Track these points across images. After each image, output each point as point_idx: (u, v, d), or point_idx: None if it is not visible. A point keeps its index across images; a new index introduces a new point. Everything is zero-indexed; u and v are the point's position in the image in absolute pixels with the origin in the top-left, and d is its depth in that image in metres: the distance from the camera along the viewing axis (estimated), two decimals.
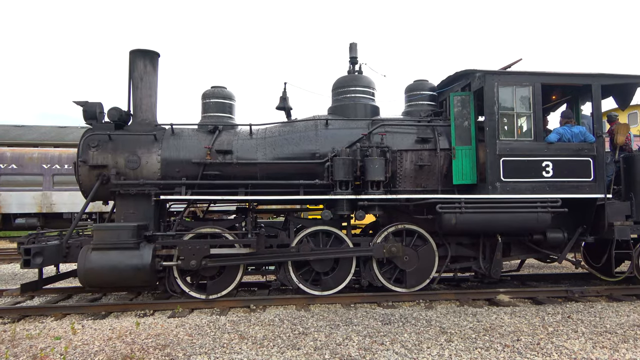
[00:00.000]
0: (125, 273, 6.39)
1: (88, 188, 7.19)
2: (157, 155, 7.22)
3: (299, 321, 5.88)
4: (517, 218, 6.90)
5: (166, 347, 4.86)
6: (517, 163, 7.00)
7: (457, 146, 7.33)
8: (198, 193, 7.18)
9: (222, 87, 7.90)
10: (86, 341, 5.06)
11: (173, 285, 6.98)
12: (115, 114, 7.43)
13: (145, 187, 7.06)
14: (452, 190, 7.41)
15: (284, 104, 7.97)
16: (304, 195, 7.17)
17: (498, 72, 7.18)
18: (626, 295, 7.28)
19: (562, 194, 6.97)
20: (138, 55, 7.57)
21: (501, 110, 7.05)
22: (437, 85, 8.30)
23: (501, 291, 7.28)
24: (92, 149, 7.16)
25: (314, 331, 5.46)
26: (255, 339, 5.14)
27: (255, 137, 7.51)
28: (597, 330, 5.44)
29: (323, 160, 7.20)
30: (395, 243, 7.08)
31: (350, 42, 8.28)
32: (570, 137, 7.16)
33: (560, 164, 7.05)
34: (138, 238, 6.56)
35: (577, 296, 7.19)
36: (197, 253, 6.65)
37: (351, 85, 7.94)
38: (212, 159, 7.21)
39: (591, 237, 7.38)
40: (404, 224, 7.31)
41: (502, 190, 6.94)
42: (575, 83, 7.38)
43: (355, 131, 7.47)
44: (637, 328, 5.50)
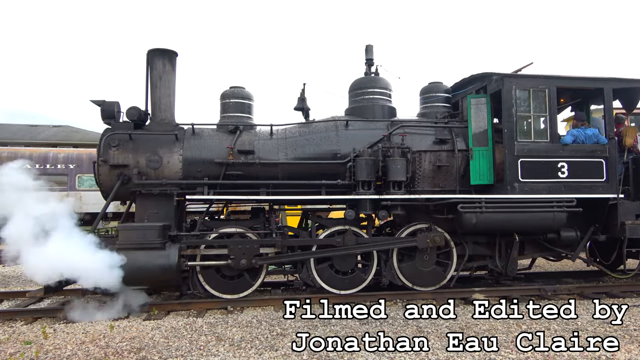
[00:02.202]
0: (152, 273, 6.36)
1: (108, 188, 7.12)
2: (179, 155, 7.19)
3: (277, 322, 5.89)
4: (534, 217, 7.09)
5: (141, 351, 4.81)
6: (534, 164, 7.20)
7: (475, 147, 7.49)
8: (220, 193, 7.18)
9: (241, 87, 7.92)
10: (58, 345, 4.95)
11: (196, 286, 6.97)
12: (135, 113, 7.37)
13: (167, 187, 7.03)
14: (469, 191, 7.56)
15: (302, 105, 8.02)
16: (325, 195, 7.25)
17: (516, 75, 7.38)
18: (596, 293, 7.46)
19: (576, 194, 7.18)
20: (157, 54, 7.52)
21: (519, 112, 7.24)
22: (451, 87, 8.46)
23: (476, 290, 7.32)
24: (113, 148, 7.09)
25: (292, 332, 5.46)
26: (232, 341, 5.12)
27: (276, 137, 7.55)
28: (568, 327, 5.59)
29: (345, 161, 7.27)
30: (437, 233, 7.20)
31: (366, 45, 8.38)
32: (584, 139, 7.39)
33: (574, 165, 7.27)
34: (163, 238, 6.53)
35: (549, 294, 7.30)
36: (247, 252, 6.67)
37: (369, 87, 8.04)
38: (235, 159, 7.22)
39: (603, 235, 7.62)
40: (422, 224, 7.44)
41: (520, 190, 7.12)
42: (588, 86, 7.63)
43: (375, 132, 7.57)
44: (606, 324, 5.66)
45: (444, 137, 7.63)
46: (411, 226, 7.40)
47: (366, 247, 7.26)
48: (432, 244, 7.16)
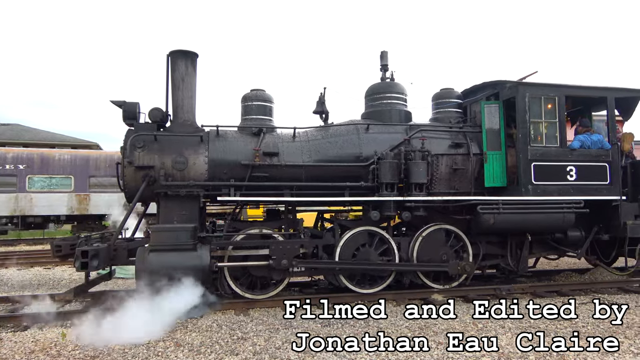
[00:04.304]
0: (185, 274, 6.36)
1: (133, 189, 7.07)
2: (204, 157, 7.22)
3: (238, 326, 5.84)
4: (547, 218, 7.50)
5: (95, 359, 4.68)
6: (545, 167, 7.61)
7: (489, 151, 7.85)
8: (245, 194, 7.25)
9: (262, 90, 8.01)
10: (5, 355, 4.75)
11: (224, 287, 7.01)
12: (158, 115, 7.37)
13: (194, 188, 7.04)
14: (482, 193, 7.90)
15: (322, 108, 8.19)
16: (348, 197, 7.43)
17: (529, 83, 7.78)
18: (547, 292, 7.73)
19: (584, 196, 7.64)
20: (180, 56, 7.53)
21: (532, 118, 7.64)
22: (461, 92, 8.81)
23: (435, 291, 7.47)
24: (138, 149, 7.06)
25: (253, 336, 5.44)
26: (192, 346, 5.04)
27: (299, 140, 7.68)
28: (522, 325, 5.84)
29: (367, 163, 7.49)
30: (468, 262, 7.49)
31: (381, 51, 8.63)
32: (590, 145, 7.87)
33: (582, 169, 7.73)
34: (195, 239, 6.56)
35: (504, 294, 7.51)
36: (288, 253, 6.75)
37: (387, 92, 8.28)
38: (261, 161, 7.31)
39: (606, 235, 8.12)
40: (440, 224, 7.73)
41: (534, 192, 7.51)
42: (593, 95, 8.14)
43: (394, 136, 7.82)
44: (557, 322, 5.93)
45: (459, 141, 7.95)
46: (430, 227, 7.67)
47: (405, 267, 7.49)
48: (462, 272, 7.43)
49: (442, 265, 7.50)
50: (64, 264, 11.14)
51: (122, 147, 7.10)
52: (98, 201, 19.24)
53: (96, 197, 19.20)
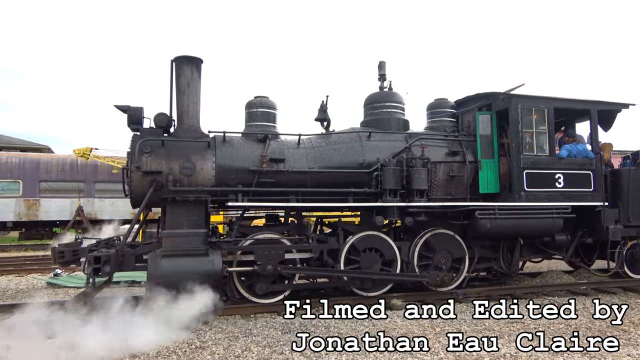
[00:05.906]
0: (197, 279, 6.40)
1: (139, 194, 7.03)
2: (212, 162, 7.26)
3: (196, 335, 5.76)
4: (538, 223, 7.95)
5: None
6: (536, 175, 8.07)
7: (483, 159, 8.24)
8: (252, 200, 7.34)
9: (266, 97, 8.12)
10: None
11: (232, 291, 7.07)
12: (164, 120, 7.38)
13: (202, 193, 7.07)
14: (477, 199, 8.28)
15: (324, 116, 8.38)
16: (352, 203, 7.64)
17: (521, 95, 8.23)
18: (501, 295, 7.87)
19: (571, 202, 8.14)
20: (185, 61, 7.55)
21: (524, 128, 8.09)
22: (455, 102, 9.19)
23: (394, 295, 7.55)
24: (146, 154, 7.03)
25: (212, 344, 5.37)
26: (148, 357, 4.91)
27: (303, 146, 7.85)
28: (477, 328, 6.10)
29: (370, 170, 7.73)
30: (447, 273, 7.77)
31: (379, 61, 8.91)
32: (576, 154, 8.40)
33: (569, 176, 8.24)
34: (206, 244, 6.60)
35: (460, 297, 7.66)
36: (273, 258, 6.84)
37: (386, 101, 8.56)
38: (268, 167, 7.42)
39: (590, 238, 8.66)
40: (438, 229, 8.05)
41: (526, 198, 7.95)
42: (578, 107, 8.68)
43: (395, 143, 8.10)
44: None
45: (456, 149, 8.31)
46: (429, 231, 7.97)
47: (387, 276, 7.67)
48: (442, 283, 7.68)
49: (423, 276, 7.74)
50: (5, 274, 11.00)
51: (129, 152, 7.07)
52: (49, 207, 18.45)
53: (47, 203, 18.41)
